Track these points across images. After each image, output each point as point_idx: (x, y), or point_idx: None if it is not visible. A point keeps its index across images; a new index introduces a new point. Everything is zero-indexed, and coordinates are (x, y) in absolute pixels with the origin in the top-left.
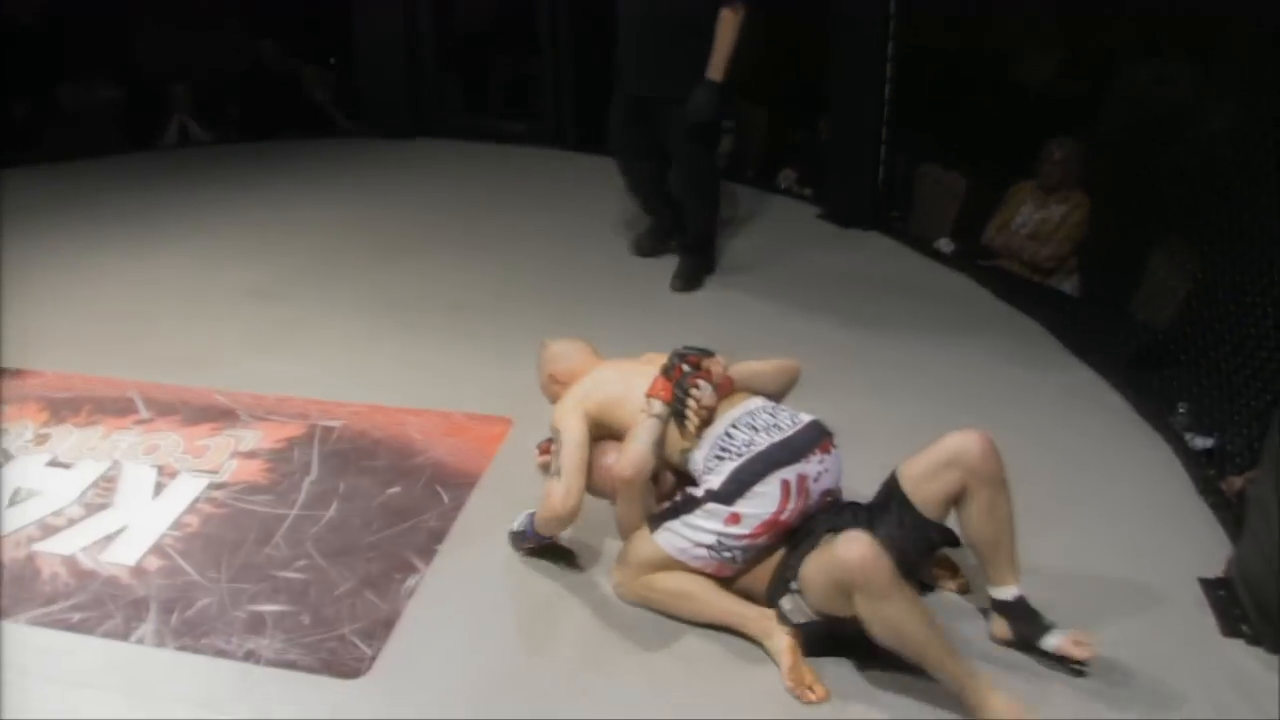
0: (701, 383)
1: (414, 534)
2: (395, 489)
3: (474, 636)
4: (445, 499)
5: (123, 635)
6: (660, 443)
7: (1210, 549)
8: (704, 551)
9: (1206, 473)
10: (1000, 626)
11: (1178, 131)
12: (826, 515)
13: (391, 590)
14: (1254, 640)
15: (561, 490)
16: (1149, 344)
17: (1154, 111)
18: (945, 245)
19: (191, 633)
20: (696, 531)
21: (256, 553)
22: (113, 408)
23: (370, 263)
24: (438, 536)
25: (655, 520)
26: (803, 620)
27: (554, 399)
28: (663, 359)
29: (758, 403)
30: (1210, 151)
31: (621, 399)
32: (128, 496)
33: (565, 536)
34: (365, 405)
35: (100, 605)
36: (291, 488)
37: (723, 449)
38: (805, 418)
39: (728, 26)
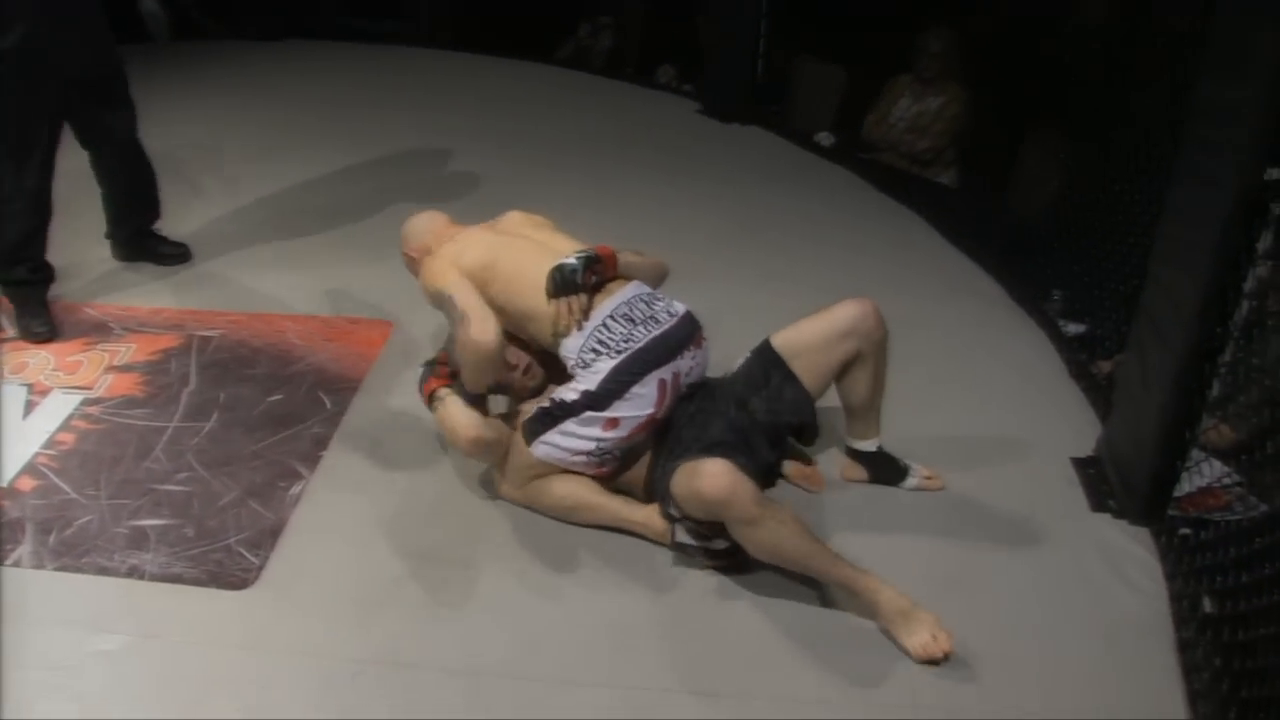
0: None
1: (297, 441)
2: (277, 397)
3: (362, 542)
4: (328, 404)
5: None
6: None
7: (1081, 429)
8: (583, 458)
9: (1078, 357)
10: (855, 470)
11: (1051, 24)
12: (693, 415)
13: (276, 499)
14: (1119, 514)
15: (475, 325)
16: (1023, 233)
17: (1029, 3)
18: (825, 138)
19: (71, 552)
20: (574, 439)
21: (136, 467)
22: None
23: (244, 168)
24: (322, 442)
25: (531, 431)
26: (698, 544)
27: (416, 275)
28: (521, 220)
29: (633, 290)
30: (1081, 44)
31: (490, 265)
32: None
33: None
34: (243, 314)
35: None
36: (170, 400)
37: (600, 342)
38: (680, 308)
39: None
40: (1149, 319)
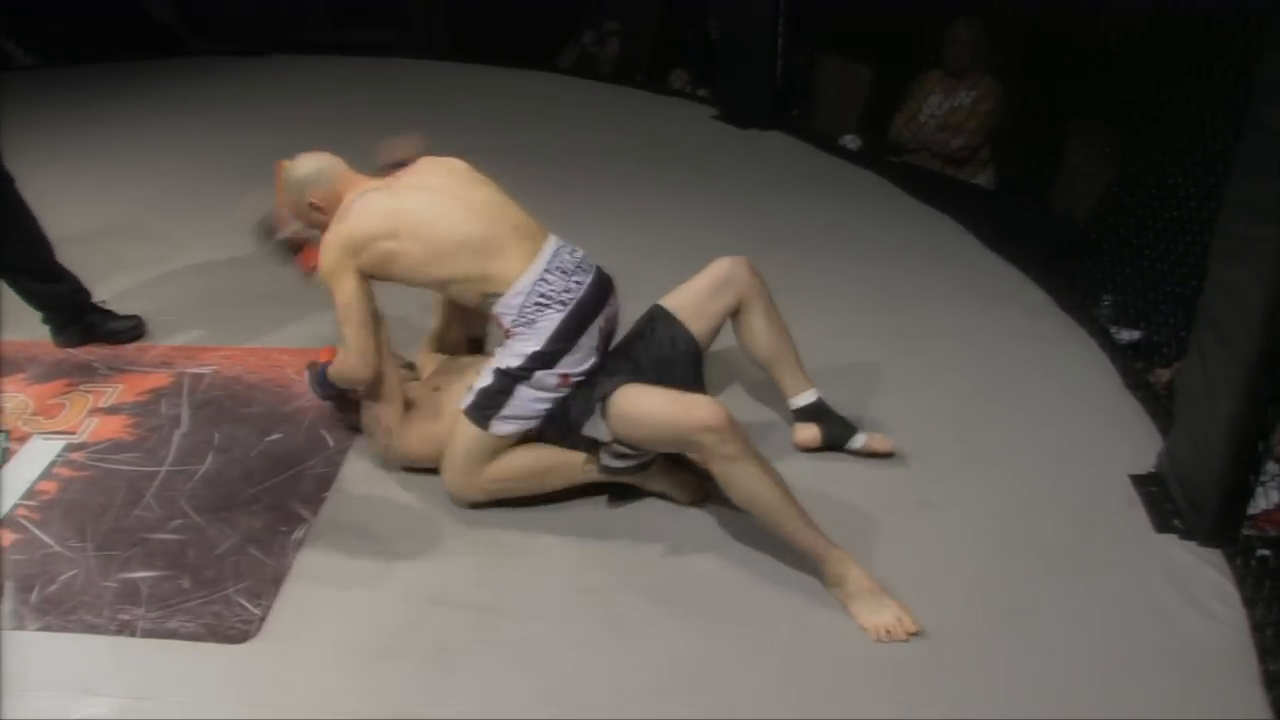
0: None
1: (299, 482)
2: (275, 436)
3: (371, 588)
4: (330, 443)
5: None
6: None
7: (1140, 444)
8: (545, 421)
9: (1134, 366)
10: (804, 433)
11: (1093, 9)
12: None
13: (278, 544)
14: (1187, 534)
15: (354, 357)
16: (1069, 235)
17: None
18: (851, 142)
19: (55, 610)
20: (531, 404)
21: (125, 516)
22: None
23: (230, 193)
24: (324, 483)
25: (482, 415)
26: (625, 465)
27: (321, 228)
28: (428, 167)
29: (555, 242)
30: (1127, 29)
31: (391, 257)
32: None
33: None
34: (237, 348)
35: None
36: (160, 442)
37: (543, 295)
38: (582, 252)
39: None
40: (1211, 322)
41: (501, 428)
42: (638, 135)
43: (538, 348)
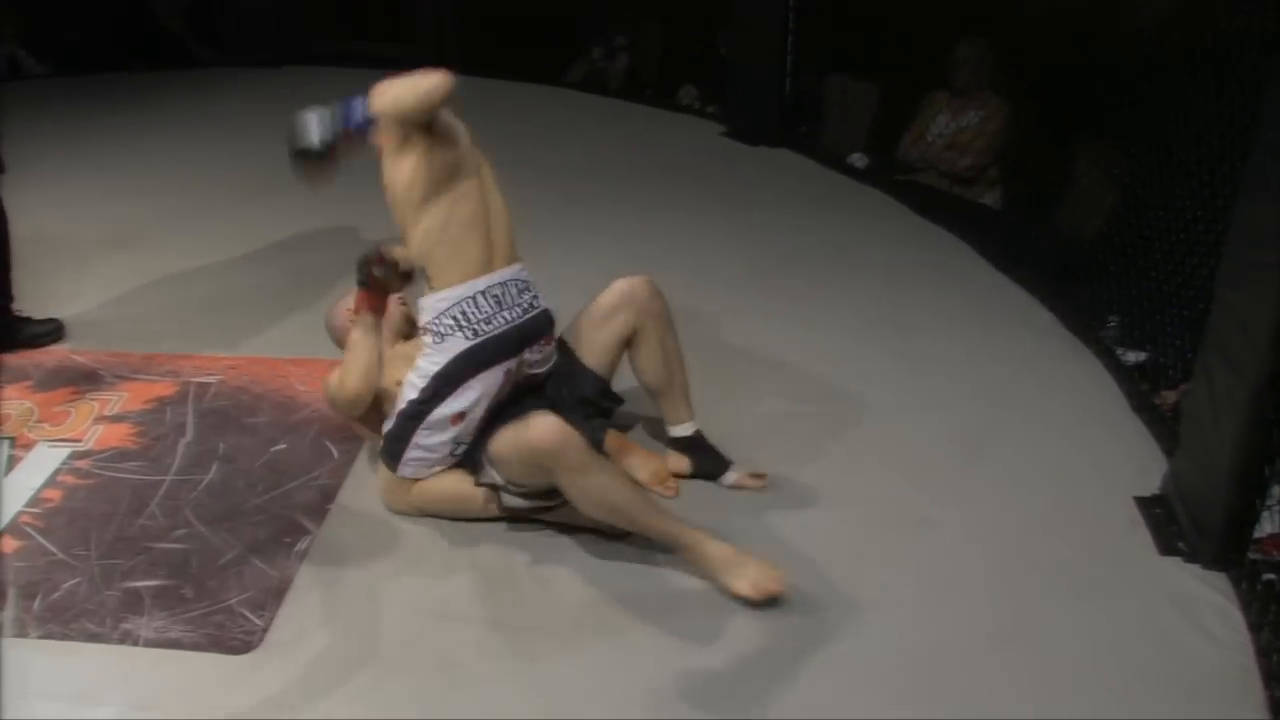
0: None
1: (303, 493)
2: (280, 446)
3: (373, 600)
4: (335, 454)
5: None
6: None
7: (1145, 466)
8: (447, 457)
9: (1140, 387)
10: (678, 462)
11: (1100, 28)
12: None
13: (281, 555)
14: (1191, 557)
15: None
16: (1076, 256)
17: (1074, 6)
18: (859, 160)
19: (58, 618)
20: (430, 446)
21: (129, 524)
22: None
23: (241, 204)
24: (329, 495)
25: (391, 456)
26: (525, 504)
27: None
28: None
29: (513, 273)
30: (1136, 49)
31: (444, 215)
32: None
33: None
34: (243, 358)
35: None
36: (165, 451)
37: (462, 314)
38: (542, 303)
39: None
40: (1217, 344)
41: (405, 470)
42: (646, 151)
43: (437, 368)
